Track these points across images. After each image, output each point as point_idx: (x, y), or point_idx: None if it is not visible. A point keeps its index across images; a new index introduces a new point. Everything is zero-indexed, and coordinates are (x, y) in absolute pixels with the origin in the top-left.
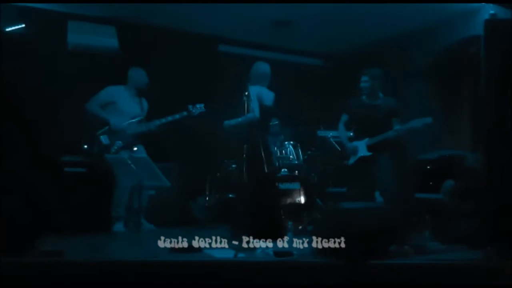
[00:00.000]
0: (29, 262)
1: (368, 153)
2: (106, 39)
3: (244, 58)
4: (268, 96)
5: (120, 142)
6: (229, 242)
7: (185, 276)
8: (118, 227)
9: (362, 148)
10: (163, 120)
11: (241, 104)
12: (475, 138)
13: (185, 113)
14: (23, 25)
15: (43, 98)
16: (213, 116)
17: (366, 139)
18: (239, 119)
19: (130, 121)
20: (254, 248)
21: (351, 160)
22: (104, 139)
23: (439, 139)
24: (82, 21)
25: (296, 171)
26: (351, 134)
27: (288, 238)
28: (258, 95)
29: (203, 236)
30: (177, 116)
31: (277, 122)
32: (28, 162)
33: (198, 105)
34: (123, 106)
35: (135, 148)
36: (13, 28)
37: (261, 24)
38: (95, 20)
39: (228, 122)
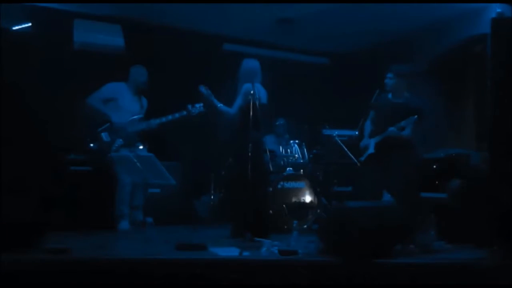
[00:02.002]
0: (36, 260)
1: (373, 151)
2: (112, 38)
3: (247, 56)
4: (264, 94)
5: (120, 140)
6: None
7: (190, 274)
8: (123, 225)
9: (372, 145)
10: (163, 119)
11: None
12: (480, 137)
13: (184, 112)
14: (29, 24)
15: (48, 97)
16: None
17: (376, 137)
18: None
19: (131, 118)
20: (259, 247)
21: (363, 157)
22: (105, 136)
23: (445, 138)
24: (88, 19)
25: (302, 170)
26: (357, 133)
27: (293, 236)
28: (258, 92)
29: (207, 234)
30: (176, 115)
31: (282, 122)
32: (32, 161)
33: (197, 105)
34: (123, 103)
35: (141, 147)
36: (20, 27)
37: (265, 22)
38: (101, 19)
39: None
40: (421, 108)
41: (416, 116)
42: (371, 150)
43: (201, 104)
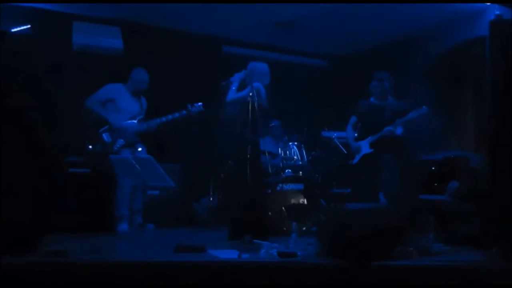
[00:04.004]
0: (33, 262)
1: (369, 150)
2: (111, 40)
3: (247, 58)
4: (265, 96)
5: (122, 140)
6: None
7: (189, 277)
8: (122, 227)
9: (365, 146)
10: (163, 119)
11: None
12: (479, 139)
13: (184, 112)
14: (29, 26)
15: (47, 98)
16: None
17: (369, 138)
18: (240, 94)
19: (131, 120)
20: (258, 249)
21: (355, 159)
22: (106, 136)
23: (444, 140)
24: (87, 22)
25: (300, 172)
26: (356, 134)
27: (292, 238)
28: (258, 90)
29: (206, 236)
30: (176, 115)
31: (277, 123)
32: (31, 162)
33: (196, 104)
34: (122, 104)
35: (140, 149)
36: (19, 28)
37: (264, 25)
38: (100, 21)
39: (232, 97)
40: (404, 108)
41: (425, 107)
42: (365, 150)
43: (201, 104)
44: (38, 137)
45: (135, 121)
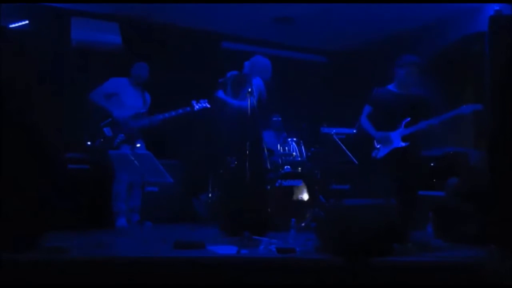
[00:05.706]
0: (34, 259)
1: (403, 144)
2: (110, 36)
3: (246, 54)
4: (263, 89)
5: (122, 135)
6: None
7: (188, 272)
8: (121, 222)
9: (396, 138)
10: (167, 115)
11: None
12: (479, 136)
13: (188, 108)
14: (27, 22)
15: (46, 94)
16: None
17: (400, 129)
18: (235, 102)
19: (134, 113)
20: (257, 245)
21: (382, 152)
22: (107, 131)
23: (443, 136)
24: (85, 17)
25: (299, 168)
26: (355, 131)
27: (291, 234)
28: (259, 88)
29: (206, 232)
30: (180, 111)
31: (279, 119)
32: (31, 159)
33: (202, 101)
34: (126, 98)
35: (138, 145)
36: (17, 24)
37: (263, 21)
38: (98, 16)
39: (222, 96)
40: (428, 100)
41: (480, 105)
42: (398, 143)
43: (206, 100)
44: (38, 133)
45: (138, 116)
